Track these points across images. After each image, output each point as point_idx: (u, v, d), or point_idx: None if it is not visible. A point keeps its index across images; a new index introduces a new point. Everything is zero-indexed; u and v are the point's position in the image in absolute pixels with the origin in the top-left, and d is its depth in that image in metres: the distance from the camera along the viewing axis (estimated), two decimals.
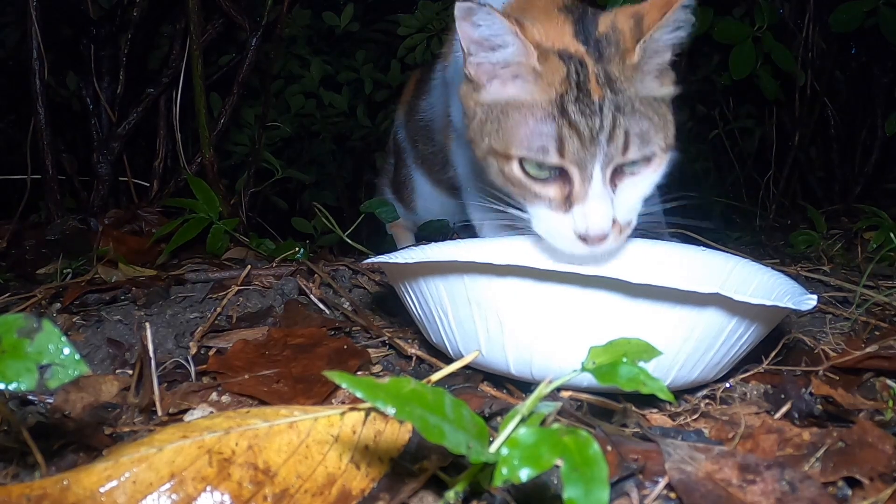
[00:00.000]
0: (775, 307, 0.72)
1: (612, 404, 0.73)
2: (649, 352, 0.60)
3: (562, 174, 0.92)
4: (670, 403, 0.75)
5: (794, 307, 0.75)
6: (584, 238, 0.92)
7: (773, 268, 0.92)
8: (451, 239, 1.54)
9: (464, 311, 0.75)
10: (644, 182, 0.96)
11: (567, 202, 0.93)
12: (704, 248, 1.03)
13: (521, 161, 0.93)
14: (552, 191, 0.94)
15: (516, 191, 0.97)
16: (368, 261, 0.90)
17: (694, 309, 0.69)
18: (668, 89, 0.99)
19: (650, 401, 0.75)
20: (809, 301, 0.78)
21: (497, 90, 0.97)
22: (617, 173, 0.93)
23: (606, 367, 0.56)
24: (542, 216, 0.95)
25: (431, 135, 1.58)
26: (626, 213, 0.95)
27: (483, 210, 1.30)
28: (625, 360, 0.56)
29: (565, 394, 0.74)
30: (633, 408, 0.73)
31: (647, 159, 0.94)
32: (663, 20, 0.91)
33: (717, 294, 0.67)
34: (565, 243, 0.94)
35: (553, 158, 0.91)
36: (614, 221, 0.92)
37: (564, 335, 0.70)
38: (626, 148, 0.91)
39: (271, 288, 1.16)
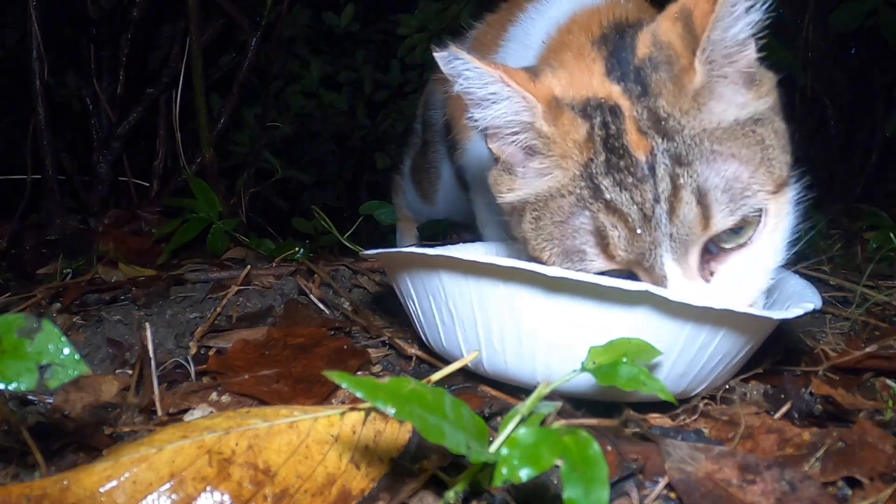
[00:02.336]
0: (742, 314, 0.63)
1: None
2: (649, 352, 0.60)
3: (630, 277, 0.69)
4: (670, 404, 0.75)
5: (759, 314, 0.65)
6: None
7: None
8: (451, 239, 1.54)
9: (425, 303, 0.77)
10: (757, 251, 0.69)
11: None
12: None
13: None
14: None
15: None
16: (366, 253, 0.90)
17: (624, 308, 0.63)
18: (764, 100, 0.69)
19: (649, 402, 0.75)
20: (797, 310, 0.68)
21: (528, 180, 0.73)
22: (713, 254, 0.68)
23: (607, 367, 0.56)
24: None
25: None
26: (738, 299, 0.69)
27: (491, 211, 1.29)
28: (625, 359, 0.56)
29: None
30: (633, 412, 0.72)
31: (752, 220, 0.67)
32: (719, 7, 0.63)
33: (647, 292, 0.61)
34: None
35: (598, 263, 0.67)
36: None
37: (497, 327, 0.70)
38: (706, 217, 0.64)
39: (271, 288, 1.16)
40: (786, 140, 0.70)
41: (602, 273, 0.68)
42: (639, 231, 0.65)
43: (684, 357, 0.67)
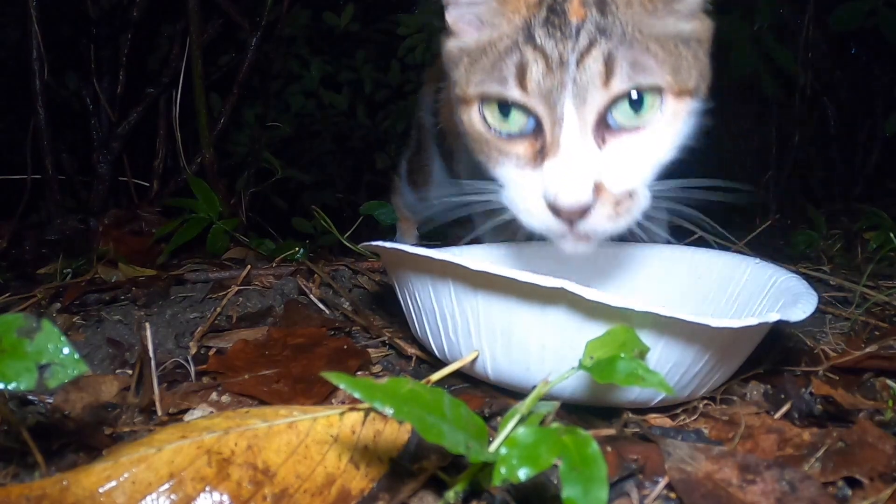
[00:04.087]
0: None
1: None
2: (640, 344, 0.59)
3: (536, 130, 0.76)
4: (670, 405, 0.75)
5: (693, 321, 0.60)
6: (554, 208, 0.72)
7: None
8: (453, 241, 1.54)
9: (408, 297, 0.80)
10: (649, 138, 0.75)
11: (538, 157, 0.75)
12: (711, 250, 0.97)
13: (481, 104, 0.79)
14: (521, 147, 0.77)
15: (483, 154, 0.81)
16: (361, 245, 0.91)
17: (541, 307, 0.63)
18: (690, 24, 0.79)
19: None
20: (783, 314, 0.65)
21: (472, 36, 0.84)
22: (608, 127, 0.75)
23: (605, 362, 0.56)
24: (508, 179, 0.78)
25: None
26: (622, 178, 0.74)
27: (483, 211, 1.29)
28: (623, 354, 0.56)
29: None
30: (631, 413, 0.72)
31: (652, 106, 0.75)
32: None
33: (563, 289, 0.60)
34: (532, 215, 0.75)
35: (513, 91, 0.75)
36: (599, 187, 0.72)
37: (474, 326, 0.70)
38: (608, 75, 0.73)
39: (271, 288, 1.16)
40: (703, 71, 0.80)
41: (513, 106, 0.76)
42: (553, 68, 0.73)
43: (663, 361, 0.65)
